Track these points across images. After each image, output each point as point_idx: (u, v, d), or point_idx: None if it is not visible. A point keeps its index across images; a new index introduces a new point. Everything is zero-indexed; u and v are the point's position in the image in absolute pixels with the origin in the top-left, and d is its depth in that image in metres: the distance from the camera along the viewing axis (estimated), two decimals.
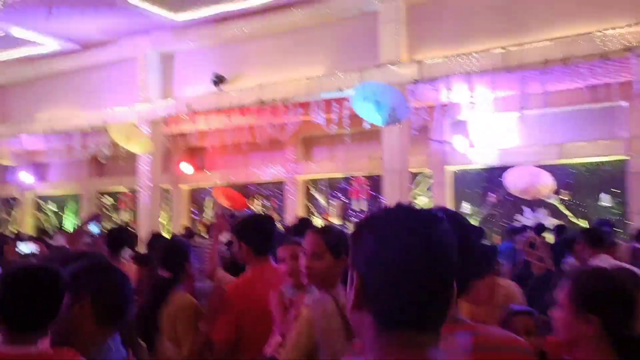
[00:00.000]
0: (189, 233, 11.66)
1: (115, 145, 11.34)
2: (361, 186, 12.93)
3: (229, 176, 14.27)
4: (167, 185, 15.02)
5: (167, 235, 14.37)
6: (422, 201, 12.23)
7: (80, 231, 5.27)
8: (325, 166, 13.31)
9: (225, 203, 13.99)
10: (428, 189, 12.11)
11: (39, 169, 17.19)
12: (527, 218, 10.74)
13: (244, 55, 10.97)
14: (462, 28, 9.06)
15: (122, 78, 12.07)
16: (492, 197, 11.27)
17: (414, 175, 11.90)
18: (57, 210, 17.08)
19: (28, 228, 16.82)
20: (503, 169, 10.25)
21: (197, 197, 15.15)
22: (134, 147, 11.18)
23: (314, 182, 13.63)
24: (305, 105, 10.13)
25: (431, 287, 1.09)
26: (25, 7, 9.80)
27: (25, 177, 16.76)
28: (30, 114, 13.09)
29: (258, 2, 9.97)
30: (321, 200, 13.55)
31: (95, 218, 5.06)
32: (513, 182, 9.57)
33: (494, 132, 11.21)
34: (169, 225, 15.08)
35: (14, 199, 17.54)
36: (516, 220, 10.79)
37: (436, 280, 1.10)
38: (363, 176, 12.85)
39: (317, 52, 10.29)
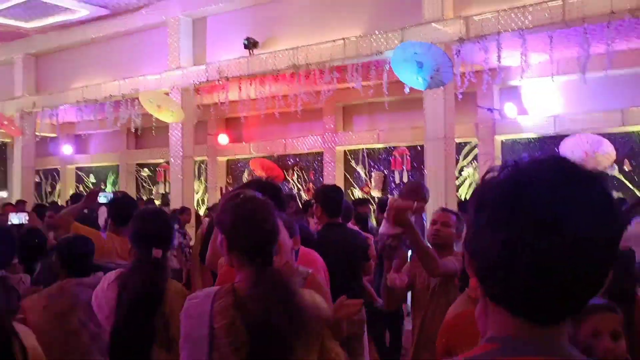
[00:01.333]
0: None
1: (149, 115, 10.96)
2: (403, 157, 12.22)
3: (266, 147, 13.78)
4: (203, 157, 14.68)
5: (200, 209, 14.12)
6: (468, 173, 11.45)
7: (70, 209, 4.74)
8: (365, 136, 12.64)
9: (262, 175, 13.56)
10: (474, 160, 11.32)
11: (79, 141, 17.13)
12: None
13: (277, 17, 10.33)
14: None
15: (154, 45, 11.63)
16: None
17: (460, 145, 11.14)
18: (96, 182, 17.02)
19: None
20: (558, 138, 9.40)
21: (234, 169, 14.74)
22: (165, 117, 10.77)
23: (354, 153, 13.00)
24: (341, 70, 9.45)
25: None
26: None
27: (66, 149, 16.73)
28: (65, 83, 12.86)
29: None
30: (361, 171, 12.93)
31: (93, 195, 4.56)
32: (570, 151, 8.70)
33: (548, 98, 10.30)
34: (204, 198, 14.77)
35: (57, 171, 17.57)
36: None
37: None
38: (405, 146, 12.14)
39: (354, 11, 9.58)
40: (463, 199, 9.92)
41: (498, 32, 7.94)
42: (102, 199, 4.97)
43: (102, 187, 16.78)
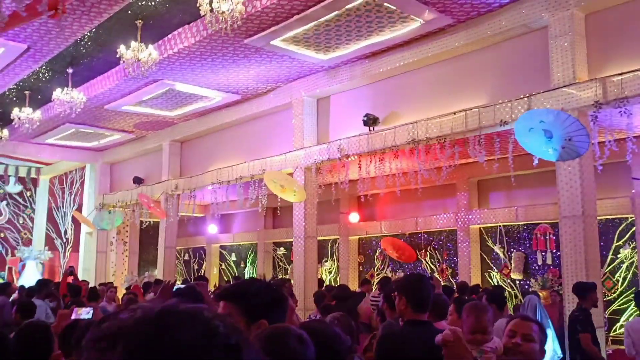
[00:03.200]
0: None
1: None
2: (546, 235, 10.95)
3: (397, 225, 13.22)
4: (335, 236, 14.47)
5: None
6: (625, 254, 9.90)
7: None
8: (503, 213, 11.60)
9: (393, 254, 12.97)
10: (632, 239, 9.78)
11: (224, 221, 17.87)
12: None
13: (398, 92, 10.01)
14: None
15: (280, 126, 11.86)
16: None
17: (614, 222, 9.72)
18: (237, 260, 17.48)
19: (214, 278, 17.45)
20: None
21: (366, 248, 14.29)
22: (288, 196, 10.75)
23: (490, 231, 11.95)
24: (462, 143, 8.77)
25: None
26: (185, 62, 10.05)
27: (211, 228, 17.51)
28: (204, 166, 13.51)
29: (408, 29, 8.99)
30: (499, 252, 11.79)
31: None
32: None
33: None
34: (336, 277, 14.40)
35: (203, 249, 18.40)
36: None
37: None
38: (547, 223, 10.89)
39: (477, 82, 8.95)
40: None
41: None
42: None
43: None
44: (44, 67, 11.78)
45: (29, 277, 16.29)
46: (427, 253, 12.90)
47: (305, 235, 10.85)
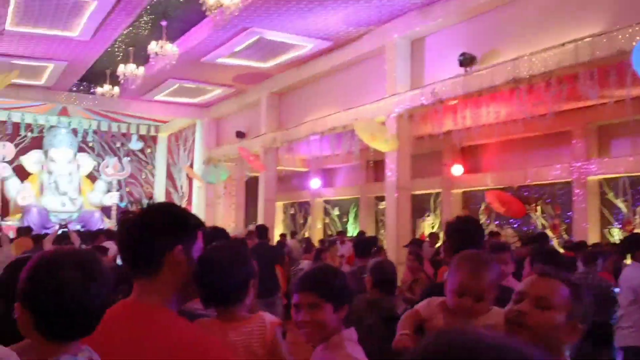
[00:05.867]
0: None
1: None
2: None
3: (504, 177, 12.20)
4: (437, 190, 13.71)
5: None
6: None
7: None
8: (627, 162, 10.24)
9: (500, 209, 12.03)
10: None
11: (327, 175, 17.64)
12: None
13: (497, 26, 8.98)
14: None
15: (373, 73, 11.21)
16: None
17: None
18: (340, 214, 17.23)
19: (318, 233, 17.39)
20: None
21: (470, 202, 13.40)
22: (379, 145, 10.19)
23: (612, 183, 10.63)
24: (570, 80, 7.67)
25: None
26: (271, 6, 9.70)
27: (314, 182, 17.36)
28: (300, 119, 13.24)
29: None
30: (621, 205, 10.48)
31: None
32: None
33: None
34: (439, 233, 13.66)
35: (308, 203, 18.34)
36: None
37: None
38: None
39: (588, 7, 7.75)
40: None
41: None
42: None
43: (344, 219, 16.93)
44: (142, 22, 11.98)
45: None
46: (538, 207, 11.80)
47: (398, 186, 10.26)
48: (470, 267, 2.23)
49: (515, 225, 11.89)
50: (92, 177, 19.26)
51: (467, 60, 9.00)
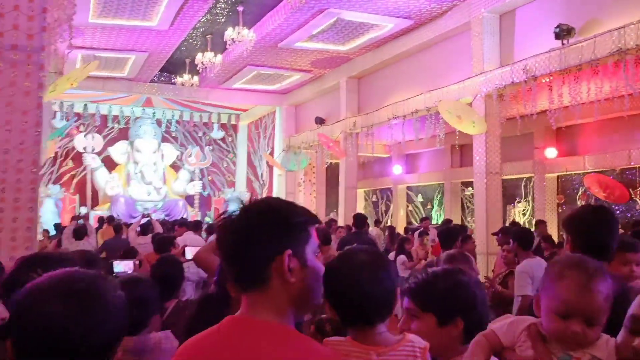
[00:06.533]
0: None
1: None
2: None
3: (604, 160, 11.21)
4: (529, 174, 12.85)
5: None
6: None
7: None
8: None
9: (600, 194, 11.10)
10: None
11: (410, 161, 17.06)
12: None
13: None
14: None
15: (459, 51, 10.55)
16: None
17: None
18: (424, 201, 16.63)
19: (401, 220, 16.88)
20: None
21: (566, 186, 12.46)
22: (466, 128, 9.57)
23: None
24: None
25: None
26: None
27: (397, 169, 16.83)
28: (380, 102, 12.76)
29: None
30: None
31: None
32: None
33: None
34: (531, 220, 12.83)
35: (390, 190, 17.85)
36: None
37: None
38: None
39: None
40: None
41: None
42: None
43: (428, 206, 16.32)
44: (219, 9, 11.87)
45: None
46: None
47: (487, 171, 9.62)
48: (580, 279, 1.61)
49: (618, 212, 10.90)
50: (175, 167, 19.65)
51: (564, 32, 8.21)
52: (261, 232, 1.31)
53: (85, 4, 9.31)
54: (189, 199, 19.17)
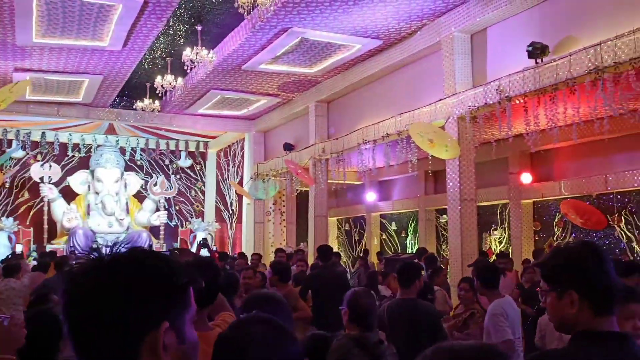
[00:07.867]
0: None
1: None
2: None
3: (581, 185, 10.79)
4: (504, 200, 12.38)
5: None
6: None
7: None
8: None
9: (577, 220, 10.67)
10: None
11: (382, 188, 16.52)
12: None
13: (571, 8, 7.75)
14: None
15: (429, 72, 10.13)
16: None
17: None
18: (397, 229, 16.06)
19: (374, 248, 16.26)
20: None
21: (542, 213, 11.99)
22: (439, 153, 9.05)
23: None
24: None
25: None
26: (311, 2, 8.79)
27: (370, 196, 16.28)
28: (350, 127, 12.25)
29: None
30: None
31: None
32: None
33: None
34: (508, 248, 12.31)
35: (364, 218, 17.26)
36: None
37: None
38: None
39: None
40: None
41: None
42: None
43: (403, 235, 15.75)
44: (177, 30, 11.29)
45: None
46: (622, 218, 10.32)
47: (461, 197, 9.08)
48: None
49: (595, 239, 10.44)
50: (140, 197, 18.80)
51: (537, 51, 7.78)
52: (135, 298, 1.02)
53: (27, 21, 8.62)
54: (154, 230, 18.29)
